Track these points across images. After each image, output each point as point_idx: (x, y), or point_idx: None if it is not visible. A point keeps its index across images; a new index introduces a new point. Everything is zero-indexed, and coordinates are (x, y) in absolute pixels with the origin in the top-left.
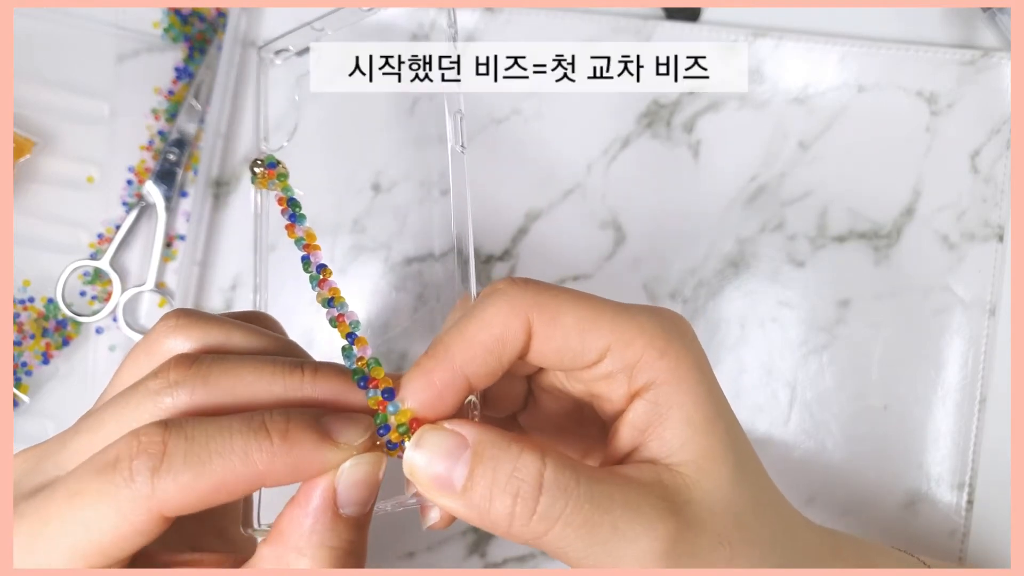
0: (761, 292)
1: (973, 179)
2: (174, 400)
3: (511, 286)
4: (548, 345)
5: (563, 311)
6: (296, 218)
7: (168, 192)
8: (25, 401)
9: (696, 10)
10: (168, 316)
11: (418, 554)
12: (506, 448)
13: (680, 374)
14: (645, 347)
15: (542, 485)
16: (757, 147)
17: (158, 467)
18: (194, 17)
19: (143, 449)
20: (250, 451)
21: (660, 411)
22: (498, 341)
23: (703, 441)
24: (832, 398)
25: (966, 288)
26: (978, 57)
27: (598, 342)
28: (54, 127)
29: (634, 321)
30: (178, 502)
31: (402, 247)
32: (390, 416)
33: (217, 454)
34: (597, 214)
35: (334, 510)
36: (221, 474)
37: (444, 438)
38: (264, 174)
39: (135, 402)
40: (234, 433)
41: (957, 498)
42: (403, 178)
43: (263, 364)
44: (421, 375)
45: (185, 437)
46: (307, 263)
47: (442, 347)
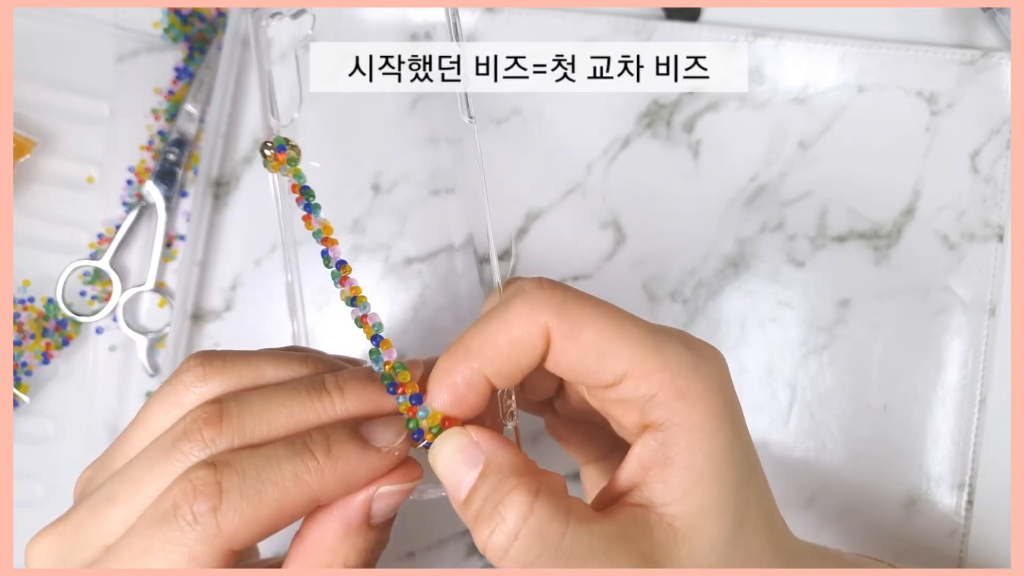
0: (761, 292)
1: (973, 179)
2: (210, 455)
3: (537, 289)
4: (564, 358)
5: (585, 325)
6: (311, 208)
7: (168, 192)
8: (25, 401)
9: (696, 10)
10: (192, 359)
11: (418, 554)
12: (505, 480)
13: (696, 420)
14: (664, 383)
15: (519, 533)
16: (757, 147)
17: (218, 505)
18: (194, 17)
19: (199, 491)
20: (300, 473)
21: (668, 453)
22: (516, 345)
23: (704, 495)
24: (832, 398)
25: (966, 288)
26: (978, 57)
27: (616, 366)
28: (54, 127)
29: (658, 351)
30: (244, 535)
31: (402, 247)
32: (421, 421)
33: (271, 483)
34: (597, 214)
35: (367, 522)
36: (278, 500)
37: (463, 443)
38: (275, 157)
39: (170, 464)
40: (281, 460)
41: (957, 498)
42: (403, 178)
43: (289, 397)
44: (444, 377)
45: (236, 472)
46: (327, 259)
47: (463, 347)
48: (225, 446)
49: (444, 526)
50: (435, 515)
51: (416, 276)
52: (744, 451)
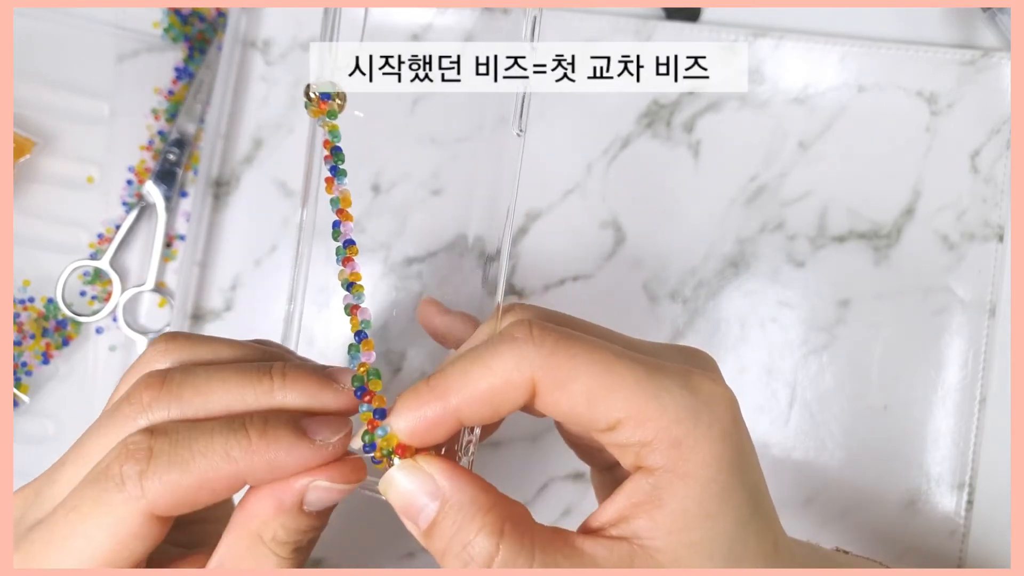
0: (761, 292)
1: (973, 179)
2: (150, 422)
3: (527, 339)
4: (554, 408)
5: (575, 376)
6: (336, 172)
7: (168, 192)
8: (25, 401)
9: (696, 10)
10: (157, 340)
11: (418, 554)
12: (469, 520)
13: (690, 468)
14: (660, 430)
15: (491, 568)
16: (757, 147)
17: (145, 470)
18: (194, 17)
19: (131, 455)
20: (230, 449)
21: (658, 495)
22: (497, 393)
23: (692, 536)
24: (832, 398)
25: (966, 288)
26: (978, 57)
27: (609, 414)
28: (54, 127)
29: (656, 397)
30: (166, 501)
31: (402, 247)
32: (377, 437)
33: (200, 454)
34: (597, 214)
35: (300, 508)
36: (204, 472)
37: (421, 480)
38: (316, 103)
39: (113, 428)
40: (215, 434)
41: (957, 498)
42: (403, 178)
43: (232, 374)
44: (415, 406)
45: (169, 441)
46: (336, 231)
47: (442, 382)
48: (162, 413)
49: None
50: None
51: (416, 276)
52: (747, 493)
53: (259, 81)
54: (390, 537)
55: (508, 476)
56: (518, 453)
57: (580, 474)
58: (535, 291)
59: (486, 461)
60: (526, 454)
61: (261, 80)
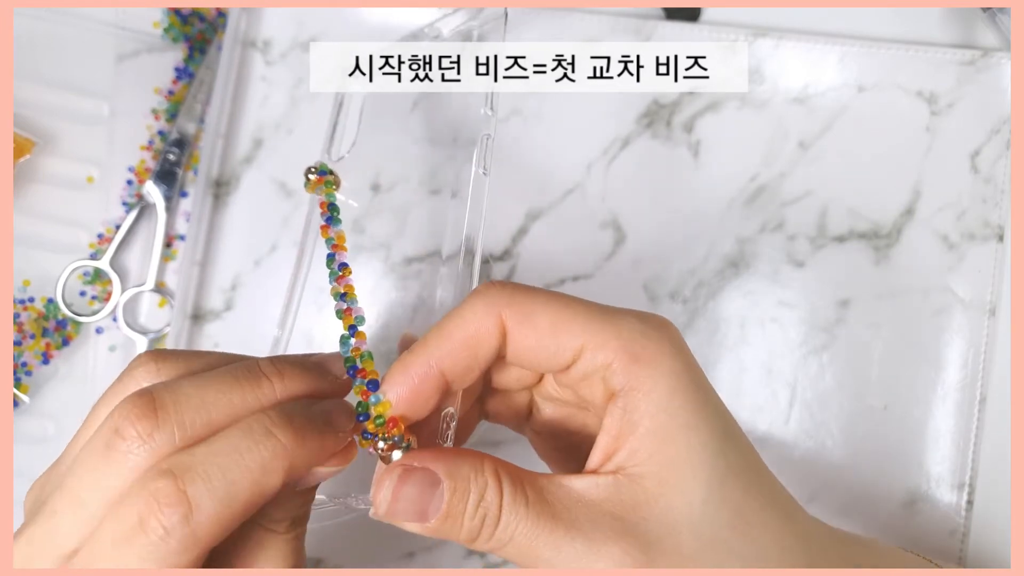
0: (761, 292)
1: (973, 179)
2: (146, 454)
3: (489, 288)
4: (522, 344)
5: (537, 312)
6: (332, 221)
7: (168, 192)
8: (25, 401)
9: (696, 10)
10: (141, 357)
11: (418, 554)
12: (475, 481)
13: (652, 382)
14: (617, 351)
15: (502, 507)
16: (757, 147)
17: (189, 514)
18: (194, 17)
19: (164, 504)
20: (266, 461)
21: (630, 418)
22: (472, 338)
23: (670, 452)
24: (832, 398)
25: (966, 288)
26: (978, 57)
27: (571, 342)
28: (54, 127)
29: (610, 324)
30: (219, 531)
31: (402, 247)
32: (371, 406)
33: (240, 479)
34: (597, 214)
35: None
36: (248, 493)
37: (419, 480)
38: (315, 180)
39: (112, 471)
40: (244, 452)
41: (957, 498)
42: (403, 178)
43: (226, 382)
44: (401, 369)
45: (201, 477)
46: (331, 260)
47: (421, 343)
48: (166, 441)
49: None
50: None
51: (416, 276)
52: (714, 409)
53: (259, 81)
54: (390, 537)
55: None
56: (518, 453)
57: None
58: None
59: None
60: (526, 454)
61: (261, 80)
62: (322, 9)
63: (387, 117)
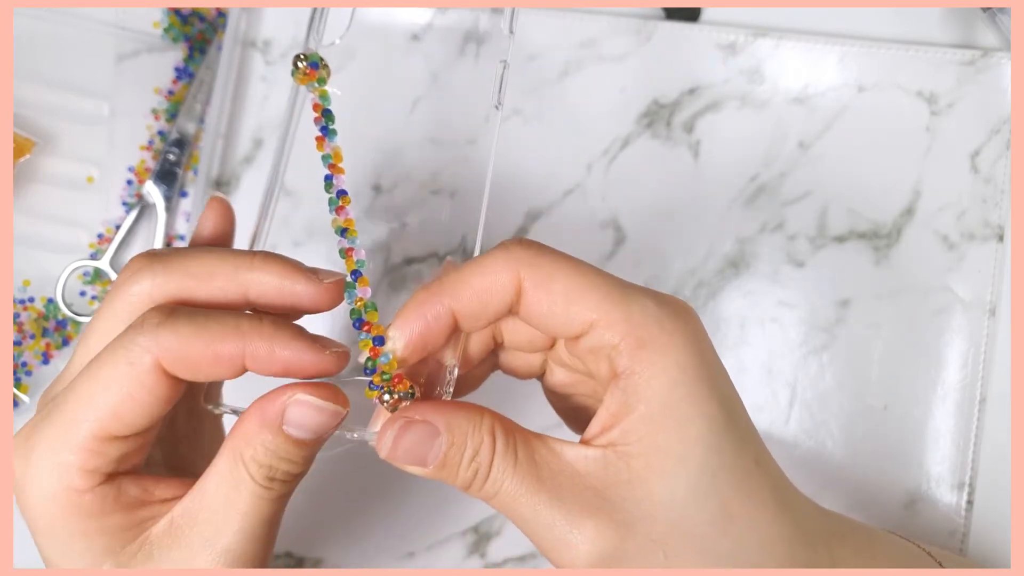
0: (761, 292)
1: (973, 179)
2: (140, 287)
3: (516, 244)
4: (535, 307)
5: (555, 277)
6: (327, 132)
7: (168, 192)
8: (25, 401)
9: (696, 10)
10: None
11: (418, 554)
12: (472, 439)
13: (656, 370)
14: (625, 334)
15: (492, 463)
16: (757, 147)
17: (163, 322)
18: (194, 17)
19: (158, 308)
20: (241, 323)
21: (629, 401)
22: (488, 290)
23: (661, 439)
24: (832, 398)
25: (966, 288)
26: (978, 57)
27: (582, 315)
28: (54, 127)
29: (624, 303)
30: (175, 356)
31: (402, 247)
32: (380, 363)
33: (214, 320)
34: (597, 214)
35: (280, 424)
36: (214, 335)
37: (420, 431)
38: (305, 71)
39: (108, 298)
40: (231, 312)
41: (957, 498)
42: (403, 178)
43: (214, 249)
44: (416, 307)
45: (188, 311)
46: (329, 184)
47: (437, 284)
48: (148, 281)
49: (444, 526)
50: (435, 515)
51: (416, 276)
52: (718, 404)
53: (259, 81)
54: (390, 537)
55: None
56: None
57: None
58: None
59: None
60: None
61: (261, 80)
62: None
63: (387, 117)
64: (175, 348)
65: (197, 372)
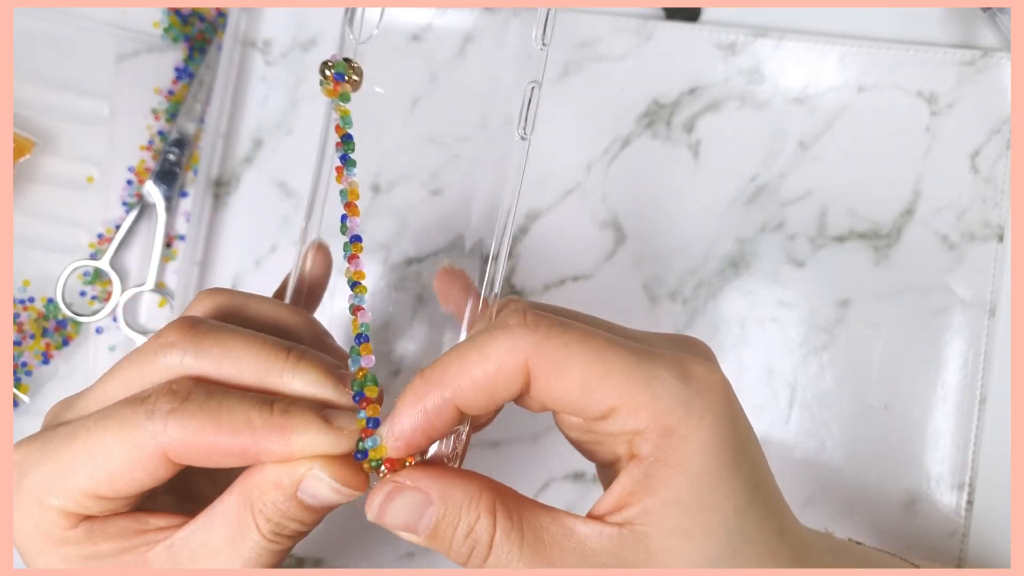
0: (761, 292)
1: (973, 179)
2: (167, 359)
3: (520, 326)
4: (547, 395)
5: (568, 363)
6: (346, 161)
7: (168, 192)
8: (25, 401)
9: (696, 10)
10: (201, 293)
11: (418, 554)
12: (467, 512)
13: (681, 458)
14: (651, 420)
15: (494, 542)
16: (757, 147)
17: (176, 409)
18: (194, 17)
19: (171, 393)
20: (252, 416)
21: (651, 484)
22: (492, 380)
23: (684, 523)
24: (832, 398)
25: (966, 288)
26: (978, 57)
27: (602, 402)
28: (54, 127)
29: (648, 385)
30: (180, 447)
31: (402, 247)
32: (368, 448)
33: (226, 411)
34: (597, 214)
35: (295, 492)
36: (223, 430)
37: (410, 499)
38: (331, 82)
39: (138, 356)
40: (244, 399)
41: (957, 498)
42: (403, 178)
43: (255, 341)
44: (415, 401)
45: (207, 393)
46: (344, 226)
47: (438, 373)
48: (178, 357)
49: None
50: None
51: (416, 276)
52: (743, 480)
53: (259, 81)
54: (390, 537)
55: (508, 476)
56: (518, 453)
57: (580, 474)
58: (535, 291)
59: (486, 461)
60: (526, 454)
61: (261, 80)
62: (322, 9)
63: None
64: (182, 439)
65: (202, 461)
